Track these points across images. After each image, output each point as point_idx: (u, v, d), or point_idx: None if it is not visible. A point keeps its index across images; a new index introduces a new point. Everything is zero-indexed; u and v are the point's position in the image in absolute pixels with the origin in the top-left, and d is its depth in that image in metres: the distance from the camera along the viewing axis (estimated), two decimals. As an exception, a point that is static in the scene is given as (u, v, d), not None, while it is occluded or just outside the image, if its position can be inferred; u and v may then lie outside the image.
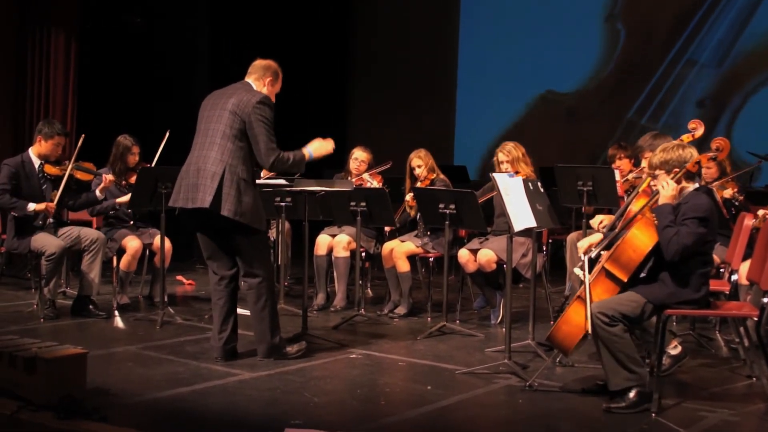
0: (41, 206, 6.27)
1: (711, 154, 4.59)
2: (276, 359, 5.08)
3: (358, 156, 7.20)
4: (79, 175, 6.55)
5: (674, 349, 4.91)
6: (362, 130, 12.76)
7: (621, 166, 6.63)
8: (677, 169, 4.28)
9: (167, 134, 6.87)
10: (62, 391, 4.04)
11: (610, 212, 6.34)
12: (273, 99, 5.14)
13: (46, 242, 6.19)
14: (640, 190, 4.72)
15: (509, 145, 6.41)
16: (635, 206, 4.53)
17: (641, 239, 4.23)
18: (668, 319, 4.37)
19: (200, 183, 4.86)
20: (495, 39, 12.20)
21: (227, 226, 4.90)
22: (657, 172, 4.33)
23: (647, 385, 4.20)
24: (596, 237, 4.57)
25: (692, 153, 4.30)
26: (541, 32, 11.66)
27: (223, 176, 4.83)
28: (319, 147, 5.16)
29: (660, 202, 4.25)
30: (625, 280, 4.27)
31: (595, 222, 5.71)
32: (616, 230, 4.48)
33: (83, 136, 6.55)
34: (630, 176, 6.29)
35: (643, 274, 4.37)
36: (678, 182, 4.29)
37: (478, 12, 12.45)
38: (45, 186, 6.42)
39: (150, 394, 4.38)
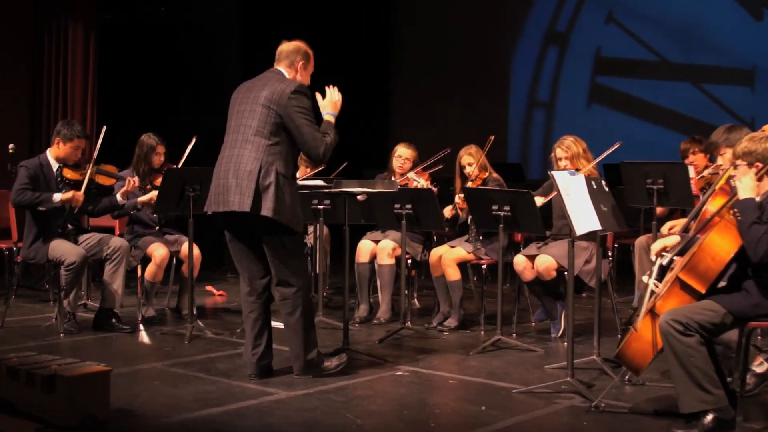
0: (68, 195, 6.31)
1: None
2: (314, 376, 5.08)
3: (402, 153, 7.19)
4: (100, 179, 6.60)
5: (759, 366, 4.82)
6: (406, 125, 12.77)
7: (695, 162, 6.53)
8: (760, 164, 4.17)
9: (194, 140, 6.92)
10: (84, 411, 4.07)
11: (683, 214, 6.25)
12: (308, 82, 5.15)
13: (65, 250, 6.25)
14: (717, 187, 4.62)
15: (569, 140, 6.34)
16: (712, 206, 4.43)
17: (721, 245, 4.12)
18: (752, 332, 4.28)
19: (234, 184, 4.86)
20: (554, 21, 12.18)
21: (263, 228, 4.91)
22: (738, 162, 4.22)
23: (726, 411, 4.09)
24: (672, 239, 4.47)
25: None
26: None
27: (260, 174, 4.83)
28: (331, 104, 5.13)
29: (740, 197, 4.14)
30: (704, 291, 4.14)
31: (665, 229, 5.63)
32: (691, 233, 4.40)
33: (104, 128, 6.61)
34: (705, 172, 6.20)
35: (723, 283, 4.28)
36: (760, 179, 4.18)
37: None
38: (64, 190, 6.46)
39: (178, 415, 4.40)
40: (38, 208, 6.30)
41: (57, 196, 6.30)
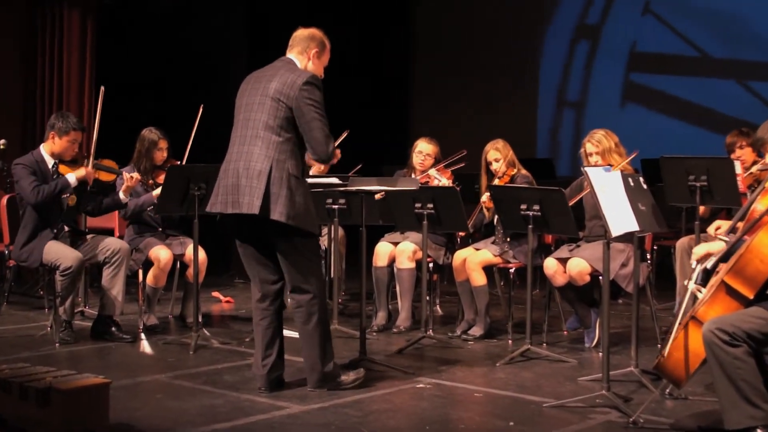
0: (81, 172, 6.39)
1: None
2: (329, 390, 5.08)
3: (423, 149, 7.18)
4: (100, 175, 6.60)
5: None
6: (428, 119, 12.75)
7: (742, 157, 6.50)
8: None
9: (201, 109, 6.90)
10: (81, 427, 4.09)
11: (729, 214, 6.22)
12: (321, 73, 5.15)
13: (60, 254, 6.27)
14: (766, 185, 4.60)
15: (599, 134, 6.32)
16: (761, 205, 4.40)
17: (772, 246, 4.10)
18: (805, 342, 4.25)
19: (244, 184, 4.87)
20: (585, 13, 12.13)
21: (275, 232, 4.91)
22: (789, 160, 4.21)
23: None
24: (718, 245, 4.45)
25: None
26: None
27: (271, 174, 4.84)
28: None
29: None
30: (752, 296, 4.13)
31: (711, 230, 5.59)
32: (738, 235, 4.37)
33: (102, 88, 6.59)
34: (754, 169, 6.16)
35: (772, 288, 4.26)
36: (813, 175, 4.16)
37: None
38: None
39: (182, 431, 4.41)
40: (62, 195, 6.35)
41: (71, 177, 6.37)
